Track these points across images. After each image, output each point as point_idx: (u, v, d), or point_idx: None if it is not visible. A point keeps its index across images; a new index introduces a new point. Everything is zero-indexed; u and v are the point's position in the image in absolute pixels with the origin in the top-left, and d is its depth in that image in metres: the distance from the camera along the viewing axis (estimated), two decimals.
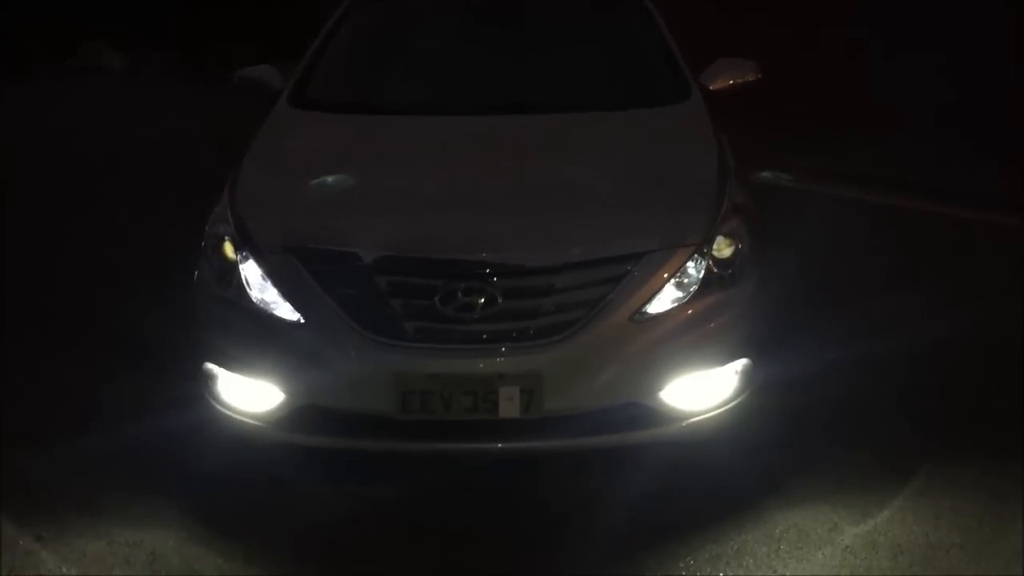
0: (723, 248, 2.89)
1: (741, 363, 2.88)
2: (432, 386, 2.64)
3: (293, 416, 2.79)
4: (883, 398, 3.46)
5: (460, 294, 2.67)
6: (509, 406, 2.65)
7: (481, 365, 2.64)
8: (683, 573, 2.61)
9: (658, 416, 2.77)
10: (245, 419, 2.87)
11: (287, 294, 2.76)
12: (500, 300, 2.67)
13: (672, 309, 2.76)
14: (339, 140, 3.40)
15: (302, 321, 2.73)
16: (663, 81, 3.80)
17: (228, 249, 2.93)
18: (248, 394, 2.85)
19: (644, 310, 2.72)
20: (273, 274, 2.80)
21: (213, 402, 2.93)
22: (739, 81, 3.94)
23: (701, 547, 2.70)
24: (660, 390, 2.75)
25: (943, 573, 2.58)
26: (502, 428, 2.70)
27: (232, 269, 2.88)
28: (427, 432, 2.71)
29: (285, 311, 2.76)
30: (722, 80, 3.90)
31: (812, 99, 7.19)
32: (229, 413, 2.90)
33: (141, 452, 3.16)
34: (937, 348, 3.76)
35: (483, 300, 2.66)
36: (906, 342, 3.75)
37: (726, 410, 2.87)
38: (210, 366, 2.91)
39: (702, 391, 2.82)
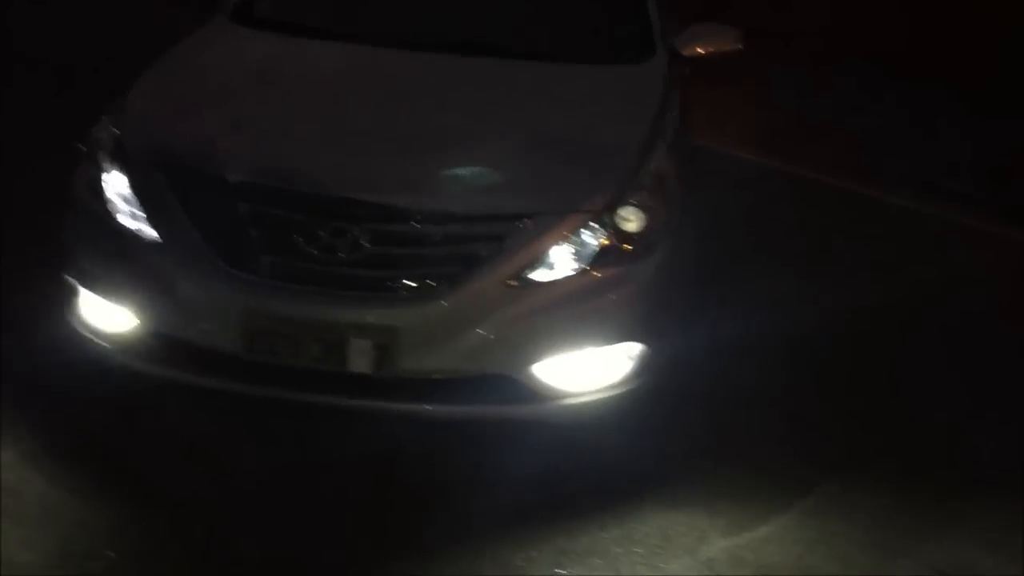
0: (629, 220, 2.63)
1: (634, 347, 2.64)
2: (281, 328, 2.45)
3: (142, 343, 2.62)
4: (800, 396, 3.19)
5: (323, 233, 2.46)
6: (360, 360, 2.44)
7: (334, 312, 2.44)
8: (520, 563, 2.39)
9: (527, 392, 2.55)
10: (97, 340, 2.70)
11: (149, 212, 2.59)
12: (366, 245, 2.45)
13: (556, 279, 2.52)
14: (254, 61, 3.17)
15: (159, 242, 2.55)
16: (627, 39, 3.53)
17: (104, 157, 2.74)
18: (102, 314, 2.68)
19: (524, 275, 2.50)
20: (139, 189, 2.62)
21: (70, 318, 2.76)
22: (717, 50, 3.65)
23: (550, 540, 2.47)
24: (532, 364, 2.53)
25: None
26: (351, 383, 2.49)
27: (103, 178, 2.70)
28: (273, 377, 2.51)
29: (145, 230, 2.58)
30: (699, 46, 3.60)
31: None
32: (83, 332, 2.73)
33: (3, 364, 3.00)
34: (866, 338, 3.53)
35: (348, 243, 2.45)
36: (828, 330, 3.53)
37: (610, 396, 2.65)
38: (70, 280, 2.74)
39: (583, 372, 2.60)
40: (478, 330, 2.47)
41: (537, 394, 2.55)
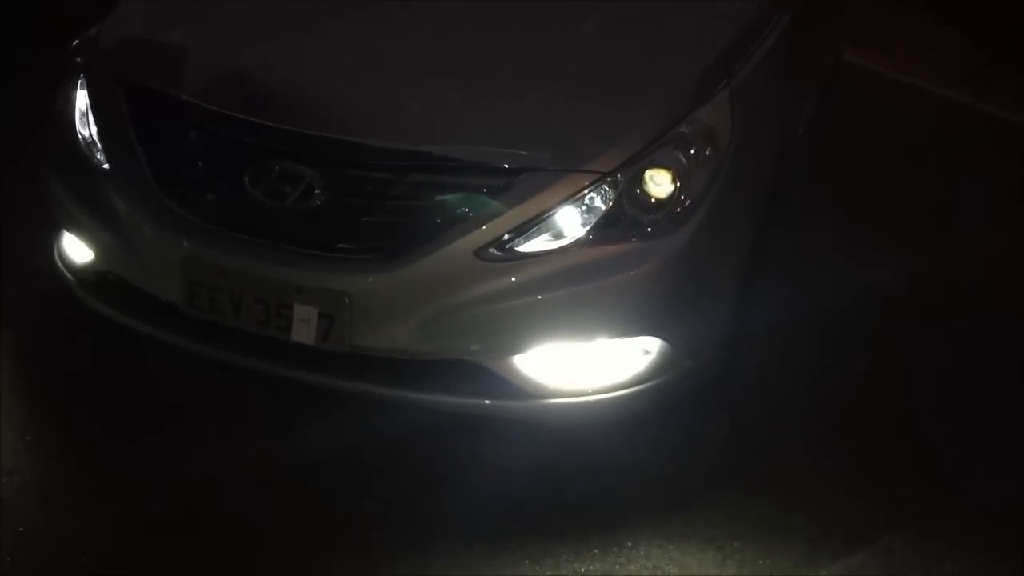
0: (656, 184, 2.10)
1: (650, 342, 2.14)
2: (221, 282, 2.11)
3: (95, 279, 2.38)
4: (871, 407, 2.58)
5: (274, 175, 2.07)
6: (304, 329, 2.07)
7: (277, 270, 2.06)
8: None
9: (504, 386, 2.10)
10: (63, 270, 2.47)
11: (102, 133, 2.31)
12: (319, 192, 2.05)
13: (548, 251, 2.04)
14: None
15: (107, 168, 2.25)
16: None
17: (77, 68, 2.47)
18: (71, 244, 2.44)
19: (507, 245, 2.02)
20: (96, 106, 2.34)
21: (53, 249, 2.54)
22: None
23: (514, 566, 2.04)
24: (512, 353, 2.07)
25: None
26: (294, 354, 2.12)
27: (73, 92, 2.42)
28: (212, 336, 2.18)
29: (99, 154, 2.29)
30: None
31: None
32: (57, 263, 2.51)
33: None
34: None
35: (301, 189, 2.05)
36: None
37: (614, 398, 2.15)
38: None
39: (581, 367, 2.12)
40: (444, 307, 2.03)
41: (517, 390, 2.10)
